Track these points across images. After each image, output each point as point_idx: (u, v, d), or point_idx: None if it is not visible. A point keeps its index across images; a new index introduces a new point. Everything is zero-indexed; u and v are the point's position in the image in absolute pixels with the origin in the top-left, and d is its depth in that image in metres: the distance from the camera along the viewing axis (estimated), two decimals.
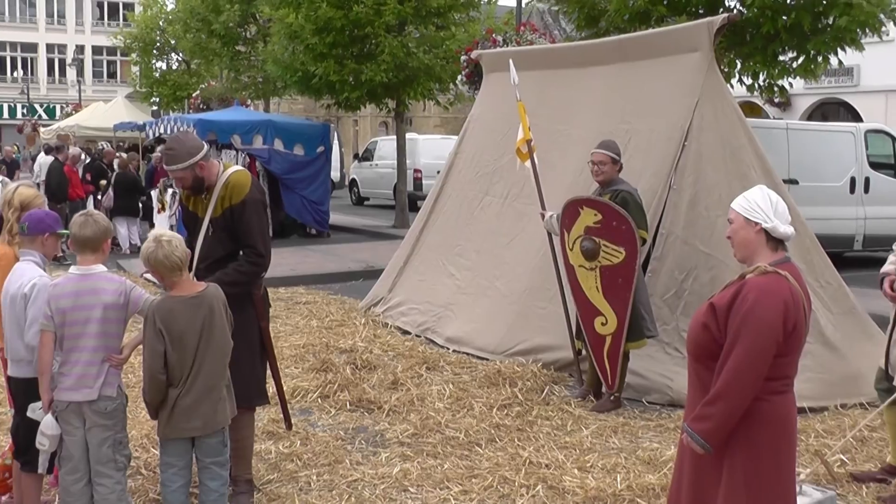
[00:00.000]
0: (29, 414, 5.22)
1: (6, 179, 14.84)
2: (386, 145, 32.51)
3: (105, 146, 26.09)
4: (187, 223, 6.20)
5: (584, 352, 8.71)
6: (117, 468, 5.16)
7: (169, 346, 4.95)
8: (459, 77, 21.25)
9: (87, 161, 22.73)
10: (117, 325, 5.07)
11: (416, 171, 29.65)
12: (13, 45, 64.44)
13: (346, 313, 12.37)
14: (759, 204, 4.14)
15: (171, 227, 18.10)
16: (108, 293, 5.01)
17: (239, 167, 6.03)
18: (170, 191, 18.55)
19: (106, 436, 5.09)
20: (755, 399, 3.91)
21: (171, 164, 5.75)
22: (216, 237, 5.85)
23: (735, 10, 14.99)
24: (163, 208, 18.92)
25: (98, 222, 5.10)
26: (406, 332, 11.18)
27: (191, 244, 5.91)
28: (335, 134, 24.76)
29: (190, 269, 5.69)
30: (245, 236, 5.77)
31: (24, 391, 5.38)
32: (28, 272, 5.26)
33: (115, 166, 20.54)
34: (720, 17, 9.26)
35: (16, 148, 37.88)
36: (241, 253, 5.84)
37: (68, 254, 16.70)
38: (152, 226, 19.48)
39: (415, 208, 25.88)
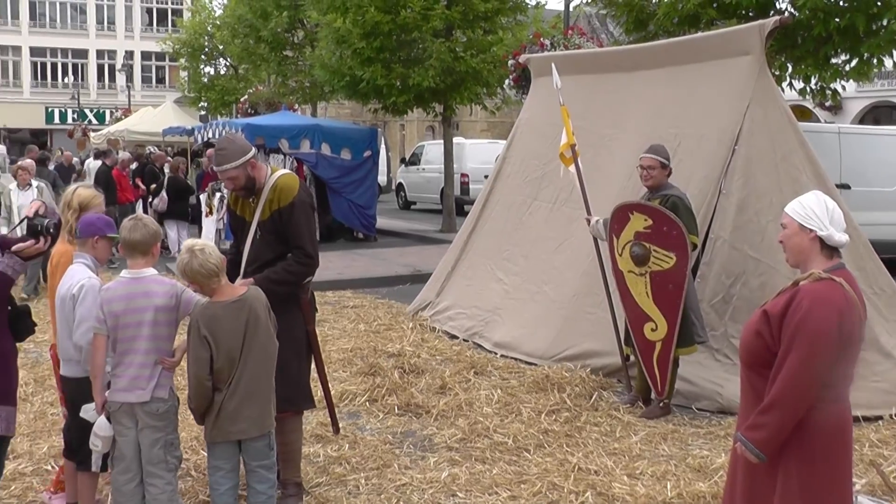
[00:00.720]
0: (82, 415, 5.26)
1: (42, 184, 14.80)
2: (433, 149, 32.63)
3: (154, 150, 26.12)
4: (234, 228, 6.18)
5: (632, 357, 8.64)
6: (168, 469, 5.19)
7: (214, 351, 4.94)
8: (507, 81, 21.19)
9: (137, 165, 22.95)
10: (169, 328, 5.09)
11: (462, 175, 29.59)
12: (64, 52, 65.24)
13: (393, 317, 12.30)
14: (815, 211, 4.08)
15: (219, 231, 18.33)
16: (160, 295, 5.03)
17: (286, 170, 6.00)
18: (217, 195, 18.53)
19: (157, 437, 5.12)
20: (810, 407, 3.87)
21: (224, 163, 5.72)
22: (264, 240, 5.82)
23: (786, 13, 14.81)
24: (210, 212, 18.97)
25: (147, 226, 5.12)
26: (454, 337, 11.09)
27: (238, 249, 5.95)
28: (382, 138, 24.70)
29: (238, 274, 5.79)
30: (293, 238, 5.74)
31: (74, 390, 5.43)
32: (78, 274, 5.29)
33: (166, 170, 20.63)
34: (772, 20, 9.15)
35: (70, 155, 38.37)
36: (288, 256, 5.81)
37: (117, 258, 16.81)
38: (201, 229, 19.60)
39: (461, 213, 26.32)
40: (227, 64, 43.06)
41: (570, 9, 22.10)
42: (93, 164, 23.87)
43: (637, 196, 8.76)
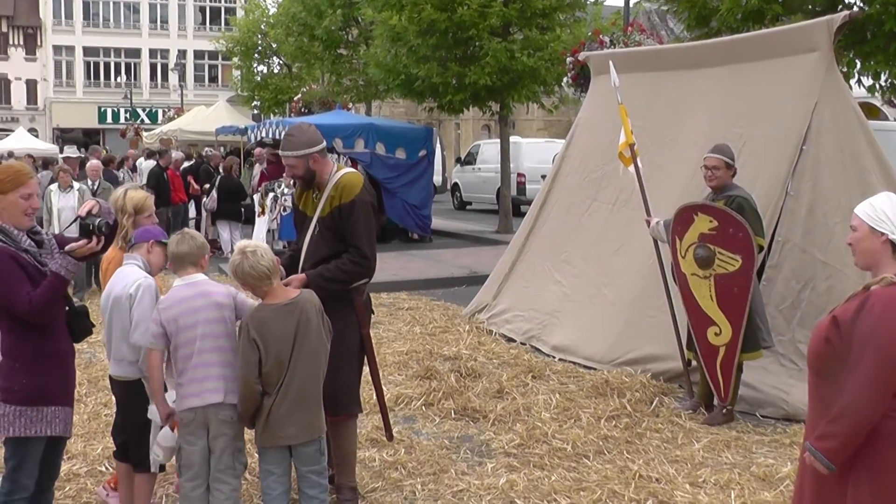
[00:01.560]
0: (150, 415, 5.35)
1: (83, 187, 14.83)
2: (489, 149, 32.35)
3: (210, 151, 26.25)
4: (297, 223, 6.19)
5: (694, 363, 8.55)
6: (234, 475, 5.26)
7: (263, 354, 4.95)
8: (564, 79, 21.05)
9: (190, 164, 23.13)
10: (228, 326, 5.13)
11: (519, 175, 29.29)
12: (117, 51, 66.20)
13: (449, 320, 12.26)
14: (888, 213, 3.98)
15: (271, 232, 18.38)
16: (217, 294, 5.12)
17: (352, 170, 6.04)
18: (271, 195, 18.58)
19: (228, 444, 5.20)
20: (881, 416, 3.80)
21: (288, 149, 5.75)
22: (322, 237, 5.81)
23: (855, 8, 14.59)
24: (263, 212, 18.99)
25: (194, 238, 5.21)
26: (511, 340, 11.04)
27: (298, 245, 5.96)
28: (437, 137, 24.59)
29: (294, 271, 5.80)
30: (350, 236, 5.74)
31: (125, 392, 5.49)
32: (132, 274, 5.36)
33: (220, 170, 20.77)
34: (840, 15, 9.00)
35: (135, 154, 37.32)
36: (343, 255, 5.80)
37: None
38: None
39: (518, 213, 26.27)
40: (281, 63, 43.24)
41: (630, 5, 21.95)
42: (145, 165, 24.02)
43: (700, 197, 8.67)
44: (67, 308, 4.99)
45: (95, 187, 15.30)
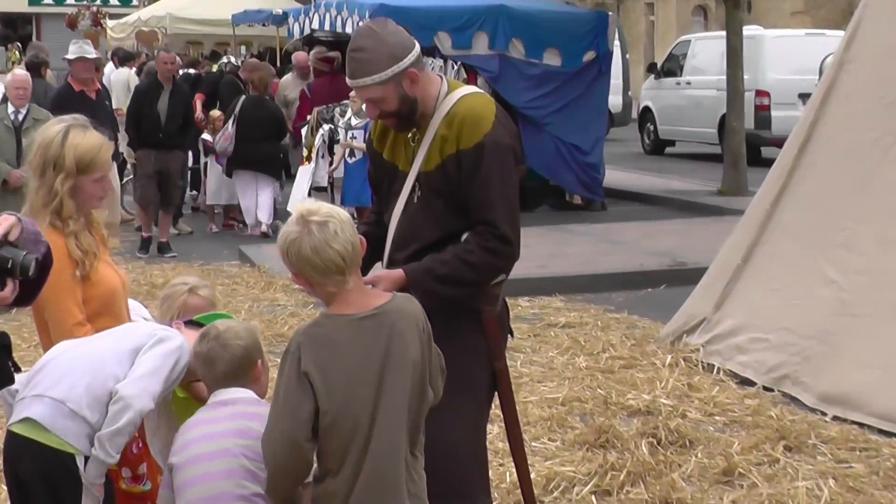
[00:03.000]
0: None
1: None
2: (705, 49, 24.47)
3: (230, 58, 20.55)
4: (377, 182, 5.11)
5: None
6: None
7: (323, 400, 3.84)
8: None
9: (190, 75, 18.18)
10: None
11: (760, 94, 21.99)
12: None
13: (637, 345, 10.00)
14: None
15: (323, 189, 14.61)
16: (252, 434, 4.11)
17: (474, 88, 5.10)
18: (325, 128, 14.51)
19: None
20: None
21: (361, 73, 4.62)
22: (427, 206, 4.78)
23: None
24: (308, 157, 14.77)
25: (228, 346, 4.17)
26: (747, 382, 9.07)
27: (381, 217, 5.02)
28: (616, 29, 18.74)
29: (375, 261, 4.89)
30: (480, 205, 4.68)
31: (50, 472, 4.37)
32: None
33: (242, 86, 15.77)
34: None
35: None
36: (466, 235, 4.70)
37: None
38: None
39: (758, 161, 19.81)
40: None
41: None
42: (115, 76, 19.07)
43: None
44: None
45: (21, 120, 11.33)
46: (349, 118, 14.17)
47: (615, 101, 22.98)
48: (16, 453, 4.25)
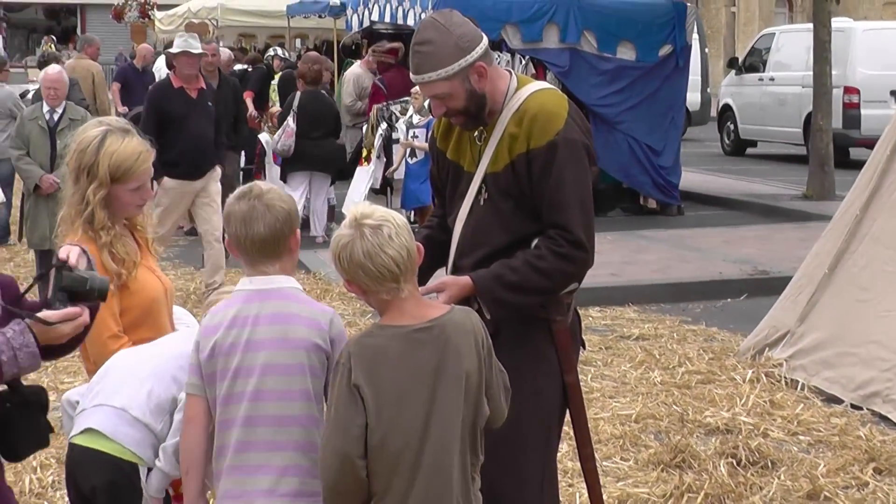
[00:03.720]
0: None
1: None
2: (790, 43, 23.56)
3: (276, 50, 20.10)
4: (440, 183, 4.92)
5: None
6: None
7: (373, 416, 3.73)
8: None
9: (241, 71, 17.57)
10: (312, 382, 3.95)
11: (849, 90, 21.18)
12: None
13: (715, 359, 9.68)
14: None
15: (379, 192, 14.13)
16: (301, 323, 3.91)
17: (545, 84, 4.80)
18: (382, 127, 14.06)
19: None
20: None
21: (426, 68, 4.42)
22: (493, 209, 4.58)
23: None
24: (367, 158, 14.25)
25: (272, 205, 3.89)
26: (833, 400, 8.79)
27: (444, 221, 4.83)
28: (695, 21, 17.91)
29: (438, 266, 4.73)
30: (551, 208, 4.46)
31: (117, 484, 4.22)
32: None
33: (299, 82, 14.61)
34: None
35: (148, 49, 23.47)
36: (537, 241, 4.48)
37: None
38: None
39: (846, 164, 19.65)
40: None
41: None
42: (164, 71, 18.91)
43: None
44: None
45: (57, 120, 10.83)
46: (410, 116, 13.63)
47: (693, 98, 22.26)
48: (77, 465, 4.15)
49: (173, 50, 10.87)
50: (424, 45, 4.48)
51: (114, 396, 4.12)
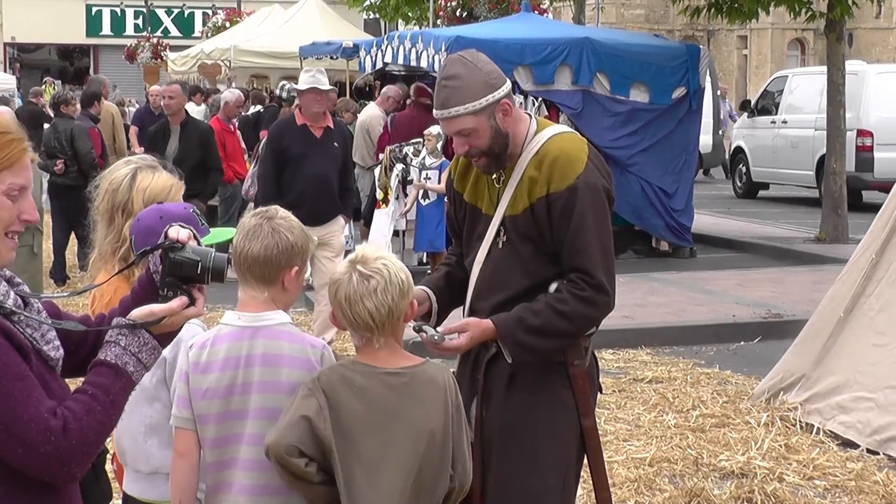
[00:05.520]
0: None
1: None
2: (803, 86, 23.67)
3: (287, 85, 19.84)
4: (457, 225, 4.93)
5: None
6: None
7: (333, 446, 3.74)
8: None
9: (256, 112, 17.85)
10: None
11: (862, 133, 21.21)
12: None
13: (729, 402, 9.64)
14: None
15: (400, 234, 14.07)
16: (290, 363, 3.90)
17: (565, 128, 4.82)
18: (398, 168, 13.91)
19: None
20: None
21: (454, 103, 4.41)
22: (511, 253, 4.59)
23: None
24: (385, 199, 14.10)
25: (278, 230, 3.88)
26: (849, 444, 8.68)
27: (459, 260, 4.88)
28: (707, 64, 17.65)
29: (456, 305, 4.76)
30: (572, 252, 4.48)
31: None
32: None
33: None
34: None
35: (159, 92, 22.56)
36: (556, 284, 4.49)
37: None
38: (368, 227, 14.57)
39: (860, 207, 19.83)
40: None
41: None
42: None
43: None
44: None
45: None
46: (423, 157, 13.41)
47: (705, 140, 22.15)
48: None
49: (300, 86, 10.42)
50: (452, 79, 4.50)
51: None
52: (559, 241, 4.52)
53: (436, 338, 4.28)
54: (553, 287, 4.54)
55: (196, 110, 18.43)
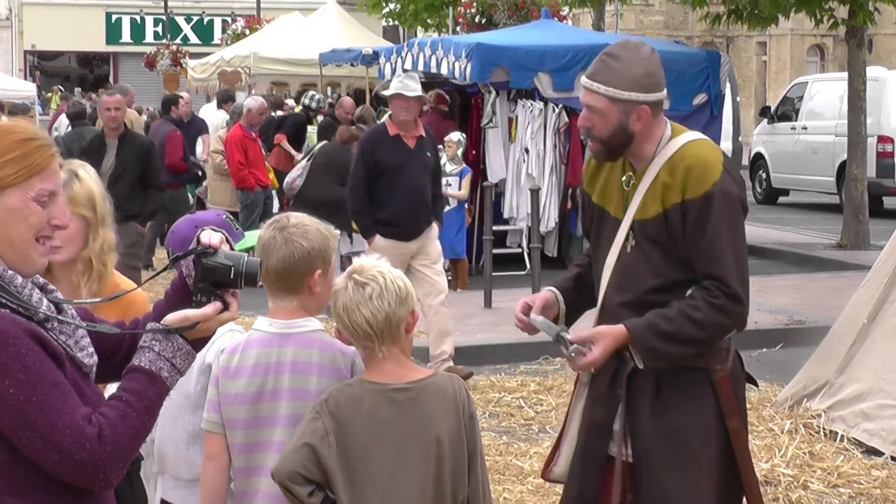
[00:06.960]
0: None
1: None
2: (823, 92, 23.68)
3: (322, 96, 20.09)
4: (587, 225, 4.98)
5: None
6: None
7: (338, 472, 3.70)
8: None
9: (278, 118, 17.86)
10: None
11: (883, 140, 21.27)
12: None
13: (753, 409, 9.39)
14: None
15: None
16: (320, 369, 3.91)
17: (699, 135, 4.71)
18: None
19: None
20: None
21: (601, 80, 4.42)
22: (641, 256, 4.55)
23: None
24: None
25: (296, 240, 3.87)
26: (874, 452, 8.57)
27: (589, 263, 4.86)
28: (727, 70, 17.77)
29: (584, 307, 4.74)
30: (706, 259, 4.42)
31: None
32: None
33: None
34: None
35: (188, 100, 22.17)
36: (691, 290, 4.43)
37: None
38: None
39: (881, 213, 20.01)
40: None
41: None
42: (213, 117, 18.67)
43: None
44: None
45: None
46: (444, 164, 13.24)
47: (725, 146, 21.23)
48: None
49: (387, 92, 9.96)
50: (613, 58, 4.51)
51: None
52: (693, 248, 4.51)
53: (573, 355, 4.24)
54: (688, 293, 4.53)
55: (219, 117, 18.49)
